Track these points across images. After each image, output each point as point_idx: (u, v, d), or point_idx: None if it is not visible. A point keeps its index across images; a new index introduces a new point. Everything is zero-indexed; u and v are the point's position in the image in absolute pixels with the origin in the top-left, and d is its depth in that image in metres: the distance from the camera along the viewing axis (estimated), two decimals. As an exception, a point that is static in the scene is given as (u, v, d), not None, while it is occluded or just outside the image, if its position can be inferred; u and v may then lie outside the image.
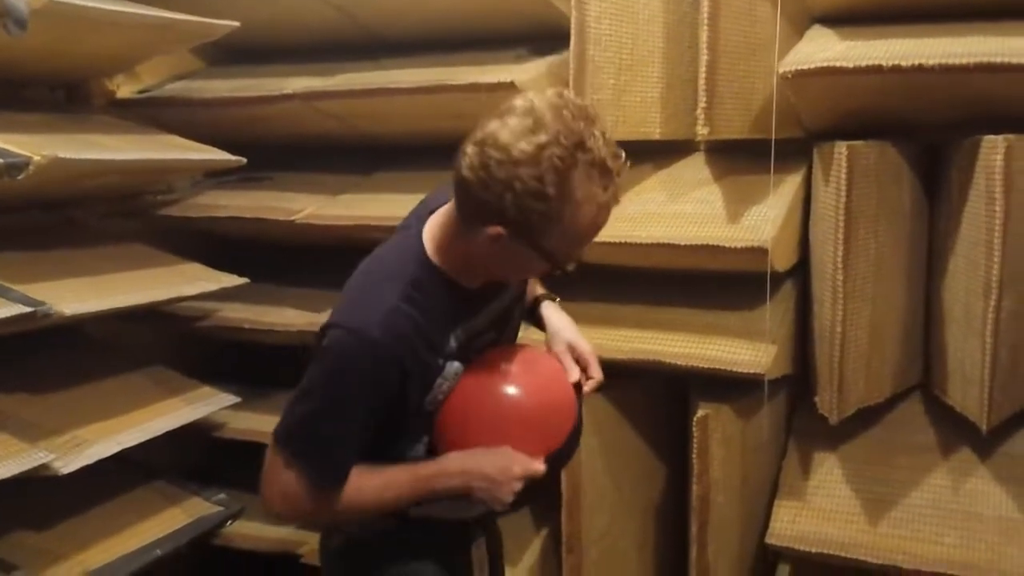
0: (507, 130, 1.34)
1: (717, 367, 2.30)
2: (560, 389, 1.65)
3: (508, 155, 1.33)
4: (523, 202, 1.34)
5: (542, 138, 1.32)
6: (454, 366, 1.56)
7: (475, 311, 1.60)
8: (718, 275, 2.45)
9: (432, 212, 1.58)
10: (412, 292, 1.47)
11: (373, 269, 1.55)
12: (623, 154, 1.42)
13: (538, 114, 1.34)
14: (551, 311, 1.81)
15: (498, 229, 1.39)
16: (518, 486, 1.53)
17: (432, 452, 1.60)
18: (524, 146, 1.32)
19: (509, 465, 1.53)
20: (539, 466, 1.55)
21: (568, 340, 1.72)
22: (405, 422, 1.56)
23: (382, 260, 1.57)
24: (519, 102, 1.38)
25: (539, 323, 1.81)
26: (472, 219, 1.43)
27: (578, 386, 1.66)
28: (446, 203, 1.54)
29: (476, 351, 1.61)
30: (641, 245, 2.33)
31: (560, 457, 1.64)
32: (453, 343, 1.55)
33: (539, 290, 1.86)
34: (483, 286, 1.58)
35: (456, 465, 1.55)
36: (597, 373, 1.70)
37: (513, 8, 2.53)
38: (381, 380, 1.46)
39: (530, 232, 1.39)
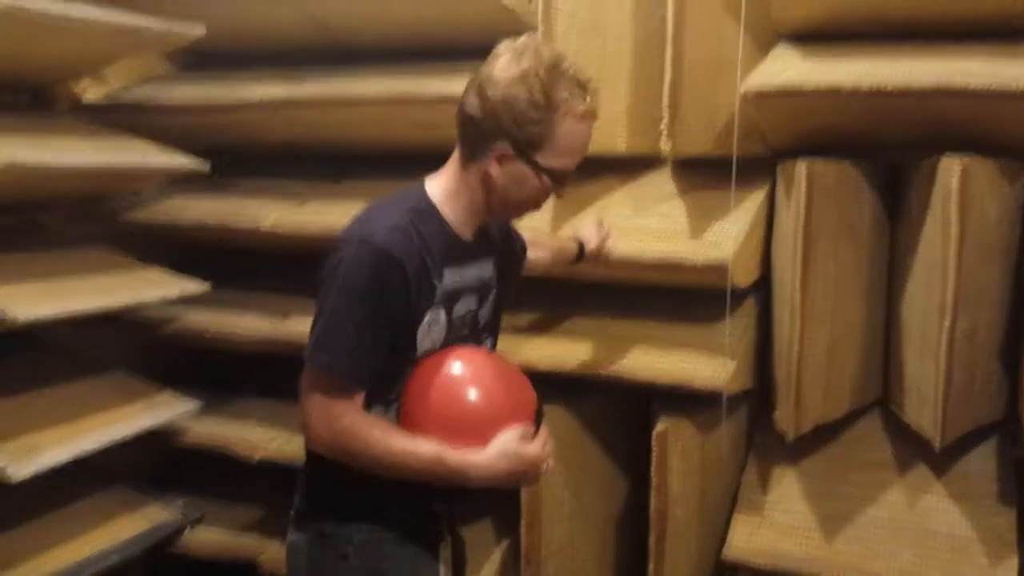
0: (496, 67, 1.61)
1: (676, 382, 2.31)
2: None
3: (501, 82, 1.60)
4: (520, 116, 1.60)
5: (524, 64, 1.59)
6: (440, 313, 1.69)
7: (463, 260, 1.74)
8: (680, 290, 2.46)
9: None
10: (413, 218, 1.66)
11: (376, 204, 1.73)
12: (593, 80, 1.66)
13: (518, 50, 1.62)
14: None
15: (504, 147, 1.63)
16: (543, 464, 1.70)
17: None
18: (513, 72, 1.59)
19: (525, 455, 1.67)
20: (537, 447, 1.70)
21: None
22: (397, 359, 1.67)
23: (385, 200, 1.74)
24: (500, 49, 1.64)
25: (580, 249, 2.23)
26: (479, 149, 1.66)
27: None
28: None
29: (458, 317, 1.74)
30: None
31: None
32: (444, 281, 1.69)
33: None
34: (473, 239, 1.76)
35: (483, 472, 1.65)
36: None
37: (481, 20, 2.53)
38: (388, 282, 1.59)
39: (528, 146, 1.63)
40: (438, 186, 1.74)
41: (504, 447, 1.65)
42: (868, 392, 2.40)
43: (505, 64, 1.61)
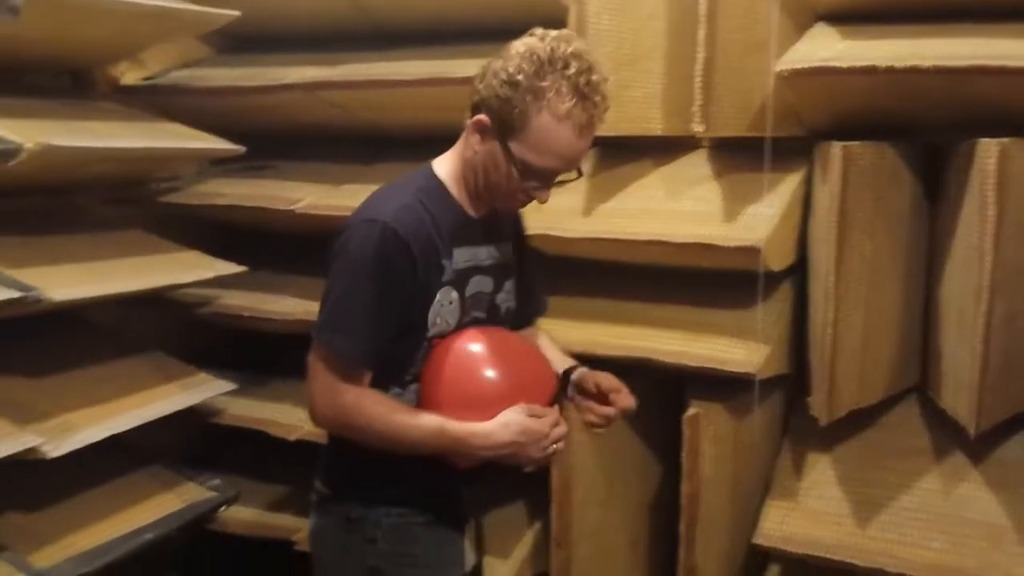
0: (518, 40, 1.62)
1: (708, 366, 2.29)
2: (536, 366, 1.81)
3: (506, 52, 1.60)
4: (500, 90, 1.58)
5: (537, 46, 1.58)
6: (451, 293, 1.69)
7: (474, 239, 1.74)
8: (715, 273, 2.44)
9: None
10: (421, 196, 1.67)
11: (385, 186, 1.75)
12: (603, 99, 1.60)
13: (547, 35, 1.60)
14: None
15: (483, 118, 1.62)
16: (552, 443, 1.70)
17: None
18: (522, 49, 1.58)
19: (529, 427, 1.66)
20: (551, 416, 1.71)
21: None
22: (410, 339, 1.67)
23: (394, 182, 1.76)
24: (539, 29, 1.63)
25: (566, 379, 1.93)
26: (471, 113, 1.65)
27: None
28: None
29: (471, 296, 1.74)
30: (635, 242, 2.33)
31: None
32: (454, 260, 1.69)
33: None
34: (483, 219, 1.76)
35: (484, 440, 1.65)
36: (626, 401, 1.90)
37: (517, 1, 2.52)
38: (394, 261, 1.60)
39: (503, 125, 1.60)
40: (445, 165, 1.75)
41: (508, 417, 1.65)
42: (905, 378, 2.37)
43: (525, 41, 1.61)
